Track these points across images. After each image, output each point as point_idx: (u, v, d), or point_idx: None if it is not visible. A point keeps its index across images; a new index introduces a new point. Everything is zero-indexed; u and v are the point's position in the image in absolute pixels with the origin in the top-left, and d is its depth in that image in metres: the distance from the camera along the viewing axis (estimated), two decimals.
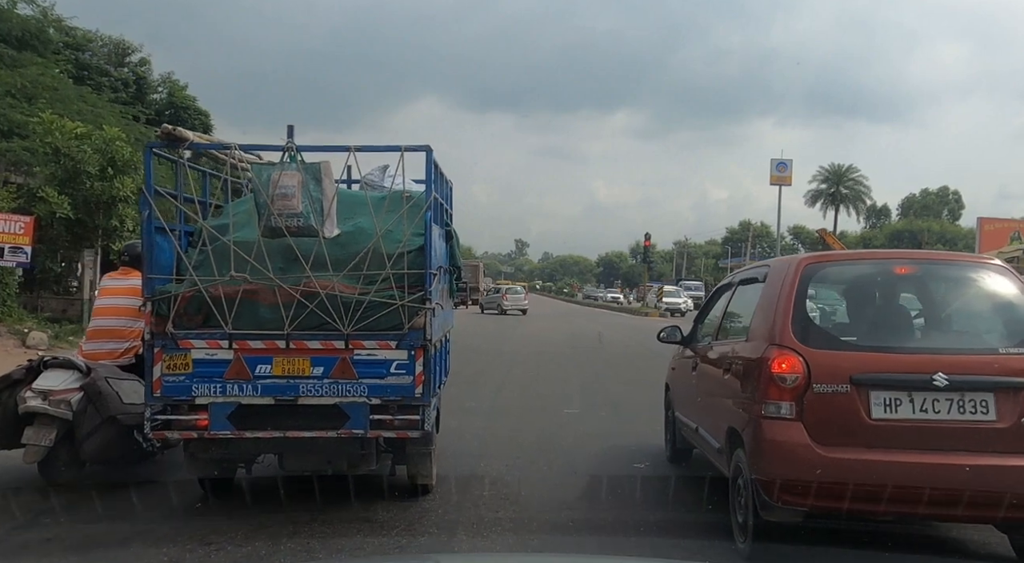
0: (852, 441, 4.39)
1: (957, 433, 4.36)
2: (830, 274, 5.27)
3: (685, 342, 6.86)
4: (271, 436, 5.29)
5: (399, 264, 5.39)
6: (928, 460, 4.32)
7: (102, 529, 5.35)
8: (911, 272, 5.15)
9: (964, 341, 4.82)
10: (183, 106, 33.53)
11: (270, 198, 5.20)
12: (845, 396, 4.39)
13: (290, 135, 5.32)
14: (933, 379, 4.34)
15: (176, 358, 5.21)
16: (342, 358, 5.27)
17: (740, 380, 5.02)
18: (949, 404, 4.37)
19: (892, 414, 4.37)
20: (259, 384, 5.23)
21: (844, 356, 4.53)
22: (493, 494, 6.27)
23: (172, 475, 6.42)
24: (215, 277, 5.31)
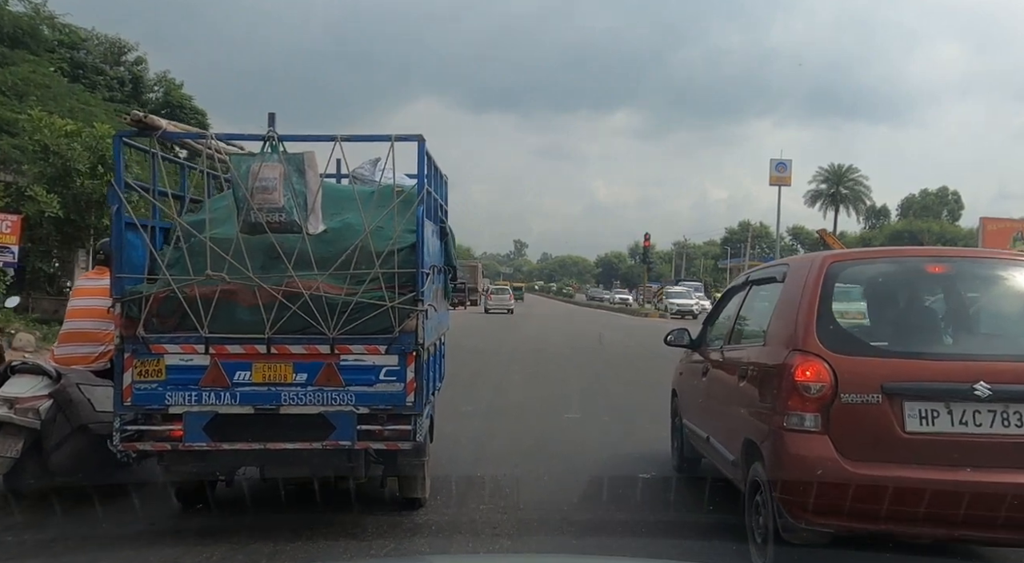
0: (884, 456, 3.98)
1: (1001, 448, 3.94)
2: (857, 273, 4.76)
3: (694, 345, 6.45)
4: (250, 448, 4.91)
5: (389, 263, 5.01)
6: (969, 478, 3.89)
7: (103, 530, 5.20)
8: (944, 271, 4.67)
9: (1007, 347, 4.35)
10: (179, 105, 33.27)
11: (249, 191, 4.83)
12: (876, 407, 4.00)
13: (271, 123, 4.93)
14: (975, 389, 3.92)
15: (148, 364, 4.83)
16: (327, 364, 4.89)
17: (758, 388, 4.61)
18: (992, 416, 3.95)
19: (928, 427, 3.96)
20: (238, 392, 4.86)
21: (875, 363, 4.11)
22: (493, 497, 6.12)
23: None
24: (190, 276, 4.90)
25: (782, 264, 5.31)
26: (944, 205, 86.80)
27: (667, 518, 5.51)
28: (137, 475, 6.09)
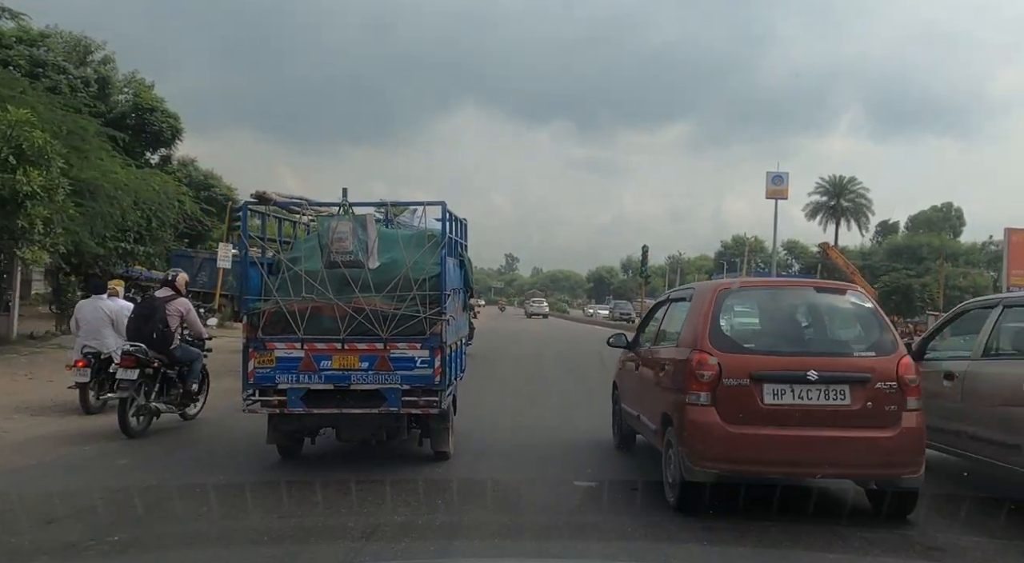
0: (750, 421, 6.12)
1: (824, 413, 6.14)
2: (738, 297, 7.11)
3: (630, 347, 8.98)
4: (331, 412, 7.59)
5: (423, 287, 7.70)
6: (804, 433, 6.09)
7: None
8: (794, 296, 7.29)
9: (830, 347, 6.67)
10: (149, 108, 33.43)
11: (330, 241, 7.54)
12: (746, 388, 6.16)
13: (344, 195, 7.72)
14: (807, 375, 6.14)
15: (264, 356, 7.53)
16: (381, 356, 7.58)
17: (671, 377, 6.85)
18: (819, 392, 6.16)
19: (779, 400, 6.15)
20: (323, 374, 7.55)
21: (746, 359, 6.28)
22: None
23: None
24: (291, 297, 7.60)
25: (690, 288, 7.97)
26: (947, 221, 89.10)
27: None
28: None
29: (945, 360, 7.91)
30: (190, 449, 9.08)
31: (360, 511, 6.30)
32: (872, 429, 6.14)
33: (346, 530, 5.78)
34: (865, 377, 6.20)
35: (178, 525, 6.06)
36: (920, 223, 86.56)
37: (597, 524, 6.23)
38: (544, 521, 6.26)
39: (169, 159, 36.84)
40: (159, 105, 34.01)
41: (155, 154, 36.14)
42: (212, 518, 6.17)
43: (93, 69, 33.33)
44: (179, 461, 8.44)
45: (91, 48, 34.05)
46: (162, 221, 26.67)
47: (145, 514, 6.29)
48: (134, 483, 7.10)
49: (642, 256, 47.02)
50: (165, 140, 35.05)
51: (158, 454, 8.69)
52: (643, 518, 6.31)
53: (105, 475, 7.63)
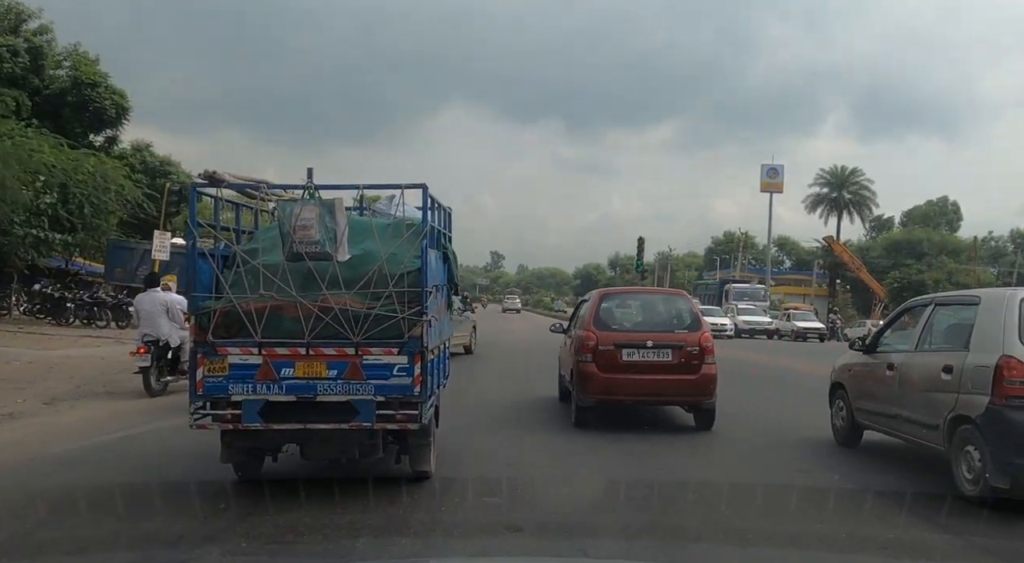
0: (614, 369, 10.74)
1: (657, 366, 10.78)
2: (611, 299, 12.17)
3: (565, 332, 13.59)
4: (293, 428, 6.72)
5: (400, 283, 6.84)
6: (645, 377, 10.78)
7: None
8: (643, 298, 13.17)
9: (661, 327, 11.26)
10: (91, 83, 31.21)
11: (292, 229, 6.67)
12: (611, 351, 10.74)
13: (309, 176, 6.83)
14: (647, 343, 10.90)
15: (215, 362, 6.66)
16: (353, 362, 6.76)
17: (574, 347, 11.58)
18: (653, 353, 10.85)
19: (630, 359, 10.79)
20: (284, 384, 6.72)
21: (612, 334, 11.07)
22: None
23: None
24: (247, 294, 6.71)
25: (590, 294, 13.21)
26: (943, 216, 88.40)
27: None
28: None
29: (891, 352, 9.11)
30: None
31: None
32: (684, 374, 10.82)
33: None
34: (680, 344, 10.90)
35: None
36: (916, 218, 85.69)
37: None
38: None
39: (115, 140, 34.63)
40: (102, 80, 31.56)
41: (99, 135, 33.81)
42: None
43: (24, 39, 30.99)
44: None
45: (25, 16, 31.54)
46: (98, 208, 25.08)
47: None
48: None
49: (637, 249, 44.97)
50: (109, 119, 32.72)
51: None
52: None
53: None
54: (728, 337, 41.36)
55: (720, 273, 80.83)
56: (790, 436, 10.79)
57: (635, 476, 8.14)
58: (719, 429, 10.97)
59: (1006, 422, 6.86)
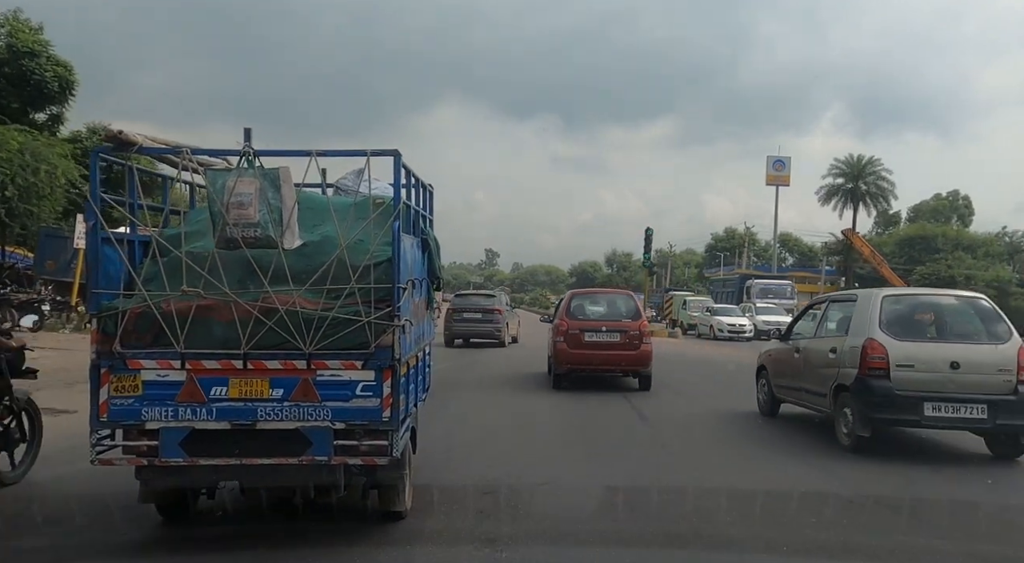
0: (579, 347, 15.51)
1: (609, 344, 15.51)
2: (580, 297, 17.23)
3: (551, 321, 18.35)
4: (227, 464, 5.35)
5: (366, 277, 5.52)
6: (601, 352, 15.50)
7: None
8: (604, 297, 17.75)
9: (613, 317, 16.08)
10: (29, 52, 28.32)
11: (225, 206, 5.31)
12: (578, 333, 15.53)
13: (247, 138, 5.46)
14: (602, 328, 15.67)
15: (124, 379, 5.30)
16: (303, 379, 5.40)
17: (553, 332, 16.48)
18: (606, 336, 15.56)
19: (592, 339, 15.55)
20: (214, 407, 5.36)
21: (580, 322, 15.83)
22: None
23: None
24: (166, 292, 5.31)
25: (565, 294, 20.43)
26: (954, 210, 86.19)
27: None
28: None
29: (798, 339, 11.84)
30: None
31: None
32: (628, 350, 15.53)
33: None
34: (626, 329, 15.63)
35: None
36: (925, 213, 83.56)
37: None
38: None
39: (60, 119, 31.59)
40: (43, 50, 28.68)
41: (43, 113, 30.91)
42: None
43: None
44: None
45: None
46: (26, 191, 22.92)
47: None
48: None
49: (645, 242, 40.07)
50: (52, 94, 29.67)
51: None
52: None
53: None
54: (747, 339, 36.74)
55: (723, 271, 79.27)
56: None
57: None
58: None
59: (868, 387, 9.50)
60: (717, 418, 12.52)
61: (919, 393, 9.24)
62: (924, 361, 9.37)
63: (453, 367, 19.25)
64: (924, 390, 9.25)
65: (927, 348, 9.56)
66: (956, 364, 9.30)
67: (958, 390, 9.24)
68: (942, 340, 9.75)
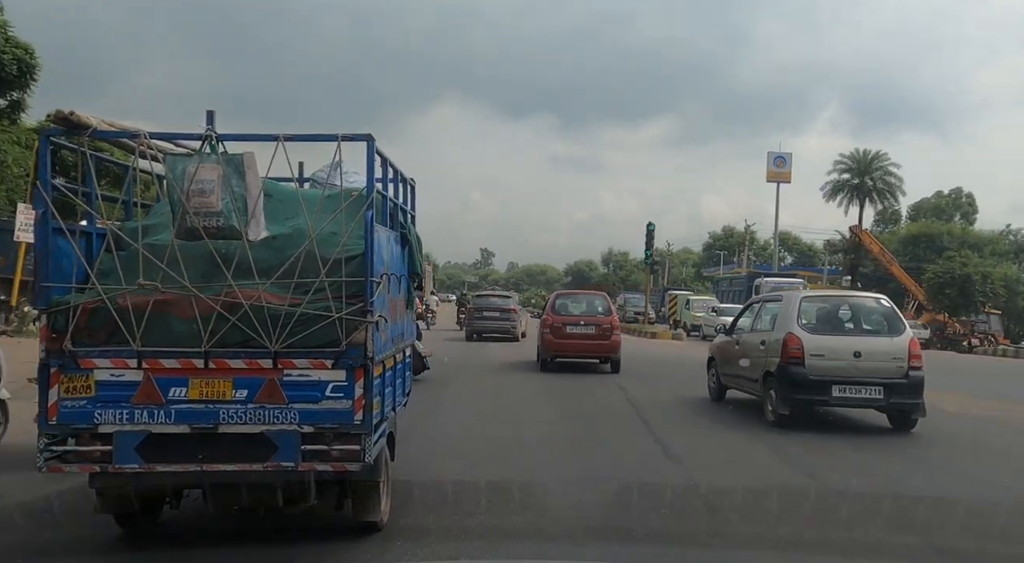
0: (562, 337, 19.49)
1: (586, 335, 19.39)
2: (563, 297, 21.76)
3: (539, 316, 24.28)
4: (187, 470, 5.03)
5: (337, 271, 5.20)
6: (580, 342, 19.37)
7: None
8: (582, 297, 22.19)
9: (590, 313, 20.02)
10: None
11: (185, 194, 4.99)
12: (560, 326, 19.59)
13: (210, 121, 5.16)
14: (580, 322, 19.63)
15: (76, 380, 5.01)
16: (269, 379, 5.13)
17: (540, 325, 20.81)
18: (584, 328, 19.46)
19: (572, 331, 19.43)
20: (172, 410, 5.08)
21: (562, 317, 19.73)
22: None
23: None
24: (121, 285, 5.01)
25: (552, 294, 26.47)
26: (957, 208, 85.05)
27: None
28: None
29: (740, 334, 13.62)
30: None
31: None
32: (601, 340, 19.25)
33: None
34: (599, 323, 19.46)
35: None
36: (926, 211, 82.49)
37: None
38: None
39: (20, 105, 28.76)
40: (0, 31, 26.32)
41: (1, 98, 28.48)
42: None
43: None
44: None
45: None
46: None
47: None
48: None
49: (647, 237, 38.50)
50: (11, 79, 27.04)
51: None
52: None
53: None
54: None
55: (723, 270, 78.70)
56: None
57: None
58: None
59: (787, 373, 11.42)
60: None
61: (828, 378, 11.19)
62: (833, 351, 11.33)
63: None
64: (832, 375, 11.19)
65: (835, 340, 11.57)
66: (859, 353, 11.28)
67: (860, 375, 11.19)
68: (848, 334, 11.82)
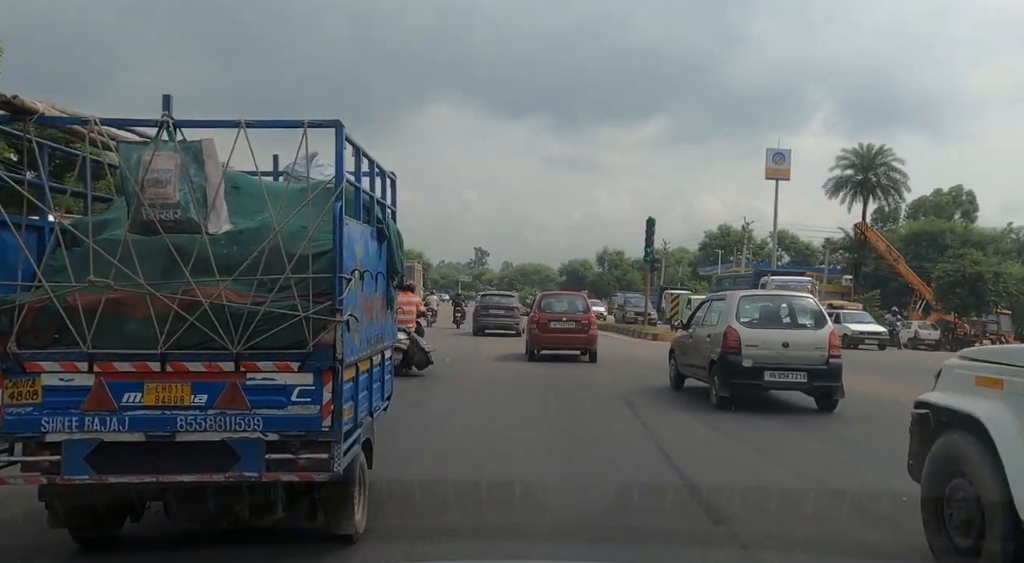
0: (547, 331, 22.71)
1: (567, 329, 22.73)
2: (547, 297, 25.63)
3: (528, 315, 26.88)
4: (141, 481, 4.70)
5: (303, 267, 4.93)
6: (562, 335, 22.75)
7: None
8: (564, 297, 26.09)
9: (571, 311, 23.21)
10: None
11: (140, 184, 4.66)
12: (546, 322, 22.95)
13: (166, 106, 4.81)
14: (563, 318, 22.92)
15: (21, 385, 4.72)
16: (231, 383, 4.85)
17: (528, 321, 24.85)
18: (565, 324, 22.73)
19: (556, 326, 22.75)
20: (126, 417, 4.79)
21: (546, 314, 23.11)
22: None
23: None
24: (71, 283, 4.70)
25: (539, 294, 31.67)
26: (958, 206, 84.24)
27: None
28: None
29: (694, 328, 15.64)
30: None
31: None
32: (580, 334, 22.58)
33: None
34: (579, 319, 22.70)
35: None
36: (927, 208, 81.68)
37: None
38: None
39: None
40: None
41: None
42: None
43: None
44: None
45: None
46: None
47: None
48: None
49: (647, 233, 36.86)
50: None
51: None
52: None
53: None
54: None
55: (721, 269, 78.26)
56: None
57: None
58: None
59: (726, 362, 13.34)
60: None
61: (761, 365, 13.22)
62: (765, 342, 13.37)
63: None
64: (764, 363, 13.23)
65: (767, 333, 13.65)
66: (787, 344, 13.43)
67: (788, 362, 13.29)
68: (778, 327, 14.01)
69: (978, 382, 5.37)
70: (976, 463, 5.01)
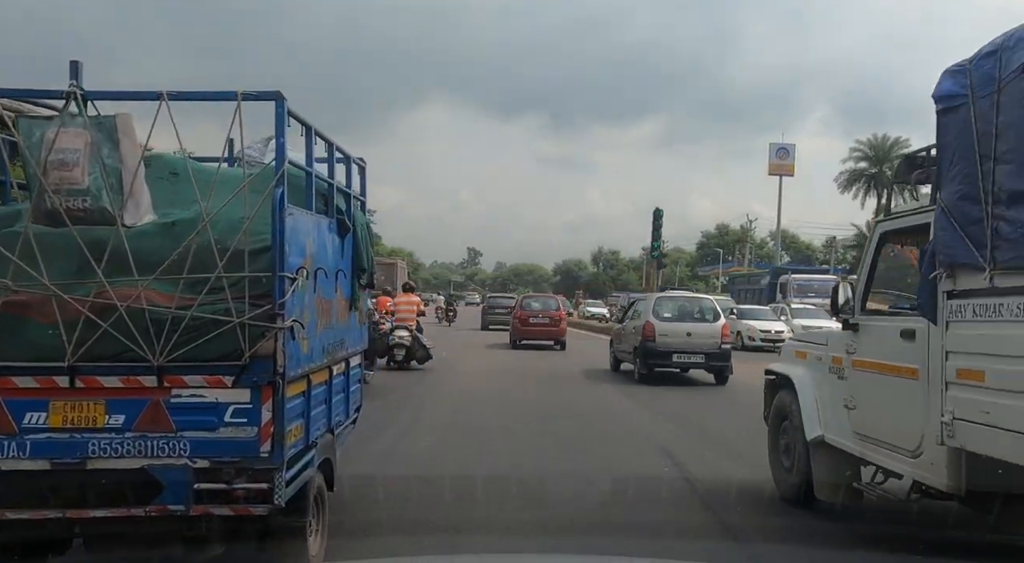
0: (526, 325, 28.76)
1: (542, 324, 28.74)
2: (527, 297, 33.81)
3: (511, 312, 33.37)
4: (45, 517, 4.04)
5: (238, 265, 4.26)
6: (537, 329, 28.82)
7: None
8: (543, 298, 33.85)
9: (544, 309, 29.82)
10: None
11: (42, 167, 3.99)
12: (525, 319, 28.82)
13: (74, 75, 4.13)
14: (539, 315, 29.13)
15: None
16: (152, 401, 4.25)
17: (512, 317, 30.69)
18: (541, 320, 28.71)
19: (534, 321, 28.90)
20: (27, 441, 4.18)
21: (525, 312, 29.30)
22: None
23: None
24: None
25: (519, 295, 44.44)
26: None
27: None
28: None
29: (626, 321, 20.07)
30: None
31: None
32: (552, 328, 28.71)
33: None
34: (552, 316, 29.06)
35: None
36: None
37: None
38: None
39: None
40: None
41: None
42: None
43: None
44: None
45: None
46: None
47: None
48: None
49: (653, 226, 35.72)
50: None
51: None
52: None
53: None
54: None
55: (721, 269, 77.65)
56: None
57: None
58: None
59: (645, 347, 17.70)
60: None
61: (670, 349, 17.70)
62: (673, 332, 17.80)
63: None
64: (673, 348, 17.69)
65: (675, 325, 18.10)
66: (690, 333, 17.87)
67: (690, 348, 17.73)
68: (684, 321, 18.38)
69: (796, 355, 7.88)
70: (794, 410, 7.27)
